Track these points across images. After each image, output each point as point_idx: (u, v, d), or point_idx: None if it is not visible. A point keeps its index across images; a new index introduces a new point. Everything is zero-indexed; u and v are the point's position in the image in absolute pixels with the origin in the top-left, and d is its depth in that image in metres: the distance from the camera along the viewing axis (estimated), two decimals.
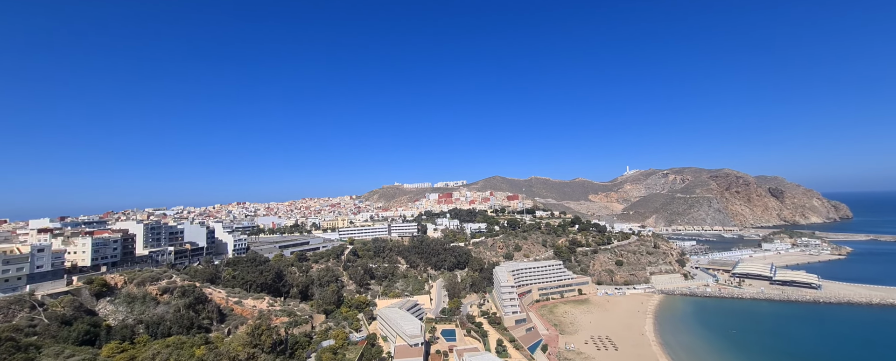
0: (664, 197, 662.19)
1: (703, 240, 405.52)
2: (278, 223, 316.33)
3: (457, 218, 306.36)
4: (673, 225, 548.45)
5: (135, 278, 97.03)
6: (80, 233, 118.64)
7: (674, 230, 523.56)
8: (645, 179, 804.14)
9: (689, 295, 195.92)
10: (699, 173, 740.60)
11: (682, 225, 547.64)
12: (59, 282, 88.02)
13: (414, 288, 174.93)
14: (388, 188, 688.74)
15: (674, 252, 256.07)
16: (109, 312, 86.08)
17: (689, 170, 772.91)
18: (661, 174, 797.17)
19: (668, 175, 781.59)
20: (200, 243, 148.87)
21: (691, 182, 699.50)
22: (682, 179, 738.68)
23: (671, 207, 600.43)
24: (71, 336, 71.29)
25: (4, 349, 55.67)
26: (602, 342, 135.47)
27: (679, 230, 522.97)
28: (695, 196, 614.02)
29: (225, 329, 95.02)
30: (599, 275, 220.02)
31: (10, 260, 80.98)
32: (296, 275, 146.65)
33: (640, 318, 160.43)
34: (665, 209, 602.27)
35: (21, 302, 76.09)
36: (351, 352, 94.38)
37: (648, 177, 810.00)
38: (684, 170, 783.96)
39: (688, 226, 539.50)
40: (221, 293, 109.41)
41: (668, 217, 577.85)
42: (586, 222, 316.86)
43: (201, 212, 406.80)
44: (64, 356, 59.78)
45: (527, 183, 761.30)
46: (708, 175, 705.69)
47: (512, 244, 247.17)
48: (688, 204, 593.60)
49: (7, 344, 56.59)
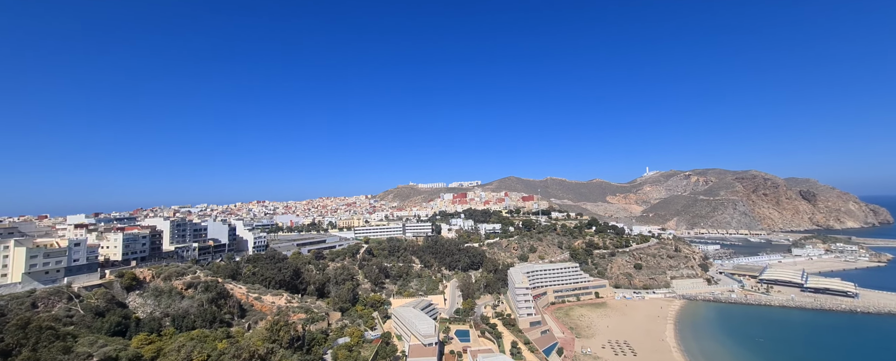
0: (686, 199, 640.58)
1: (728, 245, 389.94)
2: (296, 221, 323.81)
3: (471, 219, 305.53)
4: (695, 229, 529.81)
5: (162, 273, 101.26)
6: (112, 229, 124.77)
7: (696, 233, 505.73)
8: (665, 181, 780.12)
9: (712, 300, 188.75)
10: (724, 175, 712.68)
11: (705, 228, 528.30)
12: (94, 275, 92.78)
13: (428, 287, 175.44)
14: (402, 188, 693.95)
15: (696, 256, 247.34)
16: (138, 305, 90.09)
17: (712, 172, 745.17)
18: (682, 175, 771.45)
19: (690, 176, 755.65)
20: (223, 240, 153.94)
21: (715, 184, 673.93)
22: (706, 181, 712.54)
23: (693, 210, 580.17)
24: (104, 326, 75.01)
25: (45, 337, 59.07)
26: (620, 346, 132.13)
27: (702, 233, 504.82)
28: (719, 198, 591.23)
29: (245, 324, 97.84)
30: (617, 279, 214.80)
31: (50, 254, 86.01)
32: (313, 273, 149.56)
33: (661, 323, 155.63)
34: (687, 211, 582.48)
35: (60, 294, 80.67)
36: (366, 350, 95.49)
37: (669, 178, 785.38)
38: (708, 171, 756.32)
39: (711, 230, 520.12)
40: (242, 289, 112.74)
41: (690, 220, 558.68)
42: (604, 224, 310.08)
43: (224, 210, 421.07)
44: (98, 345, 62.91)
45: (542, 183, 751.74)
46: (733, 176, 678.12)
47: (527, 245, 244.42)
48: (711, 206, 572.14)
49: (47, 333, 60.03)
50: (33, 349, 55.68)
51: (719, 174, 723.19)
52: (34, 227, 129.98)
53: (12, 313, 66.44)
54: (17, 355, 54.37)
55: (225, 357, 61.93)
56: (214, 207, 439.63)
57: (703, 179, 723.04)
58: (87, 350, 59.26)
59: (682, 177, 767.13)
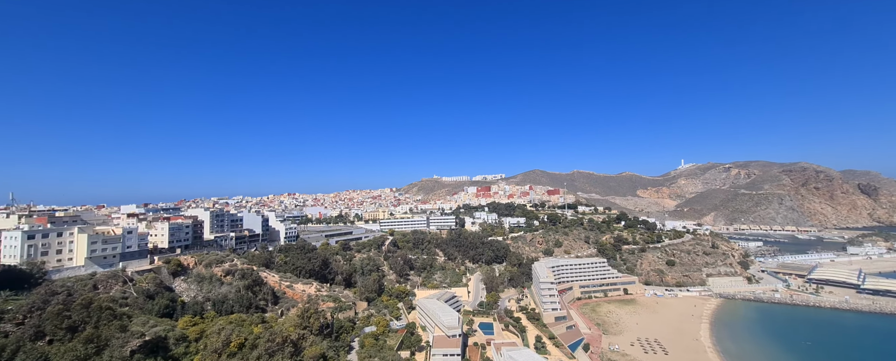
0: (725, 193, 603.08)
1: (772, 242, 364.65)
2: (324, 213, 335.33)
3: (495, 212, 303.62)
4: (735, 224, 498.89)
5: (203, 260, 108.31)
6: (159, 219, 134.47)
7: (736, 229, 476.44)
8: (702, 174, 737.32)
9: (753, 300, 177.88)
10: (768, 167, 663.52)
11: (747, 224, 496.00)
12: (144, 261, 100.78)
13: (452, 280, 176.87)
14: (427, 181, 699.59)
15: (735, 253, 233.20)
16: (183, 289, 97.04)
17: (755, 164, 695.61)
18: (721, 168, 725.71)
19: (730, 169, 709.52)
20: (257, 230, 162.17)
21: (758, 176, 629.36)
22: (748, 174, 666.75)
23: (733, 204, 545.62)
24: (154, 308, 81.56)
25: (105, 316, 65.10)
26: (650, 345, 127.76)
27: (742, 229, 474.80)
28: (763, 192, 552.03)
29: (278, 311, 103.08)
30: (648, 275, 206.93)
31: (107, 240, 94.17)
32: (340, 263, 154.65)
33: (695, 322, 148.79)
34: (726, 206, 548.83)
35: (116, 277, 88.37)
36: (392, 339, 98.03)
37: (706, 171, 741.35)
38: (750, 163, 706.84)
39: (753, 226, 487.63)
40: (275, 277, 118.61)
41: (729, 215, 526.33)
42: (634, 219, 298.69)
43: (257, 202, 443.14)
44: (149, 325, 68.58)
45: (569, 177, 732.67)
46: (780, 169, 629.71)
47: (552, 239, 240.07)
48: (754, 201, 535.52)
49: (107, 312, 66.09)
50: (95, 326, 61.47)
51: (764, 166, 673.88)
52: (93, 216, 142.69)
53: (78, 293, 73.52)
54: (82, 331, 60.29)
55: (260, 341, 65.59)
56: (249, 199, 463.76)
57: (745, 172, 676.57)
58: (141, 329, 64.72)
59: (722, 169, 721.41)
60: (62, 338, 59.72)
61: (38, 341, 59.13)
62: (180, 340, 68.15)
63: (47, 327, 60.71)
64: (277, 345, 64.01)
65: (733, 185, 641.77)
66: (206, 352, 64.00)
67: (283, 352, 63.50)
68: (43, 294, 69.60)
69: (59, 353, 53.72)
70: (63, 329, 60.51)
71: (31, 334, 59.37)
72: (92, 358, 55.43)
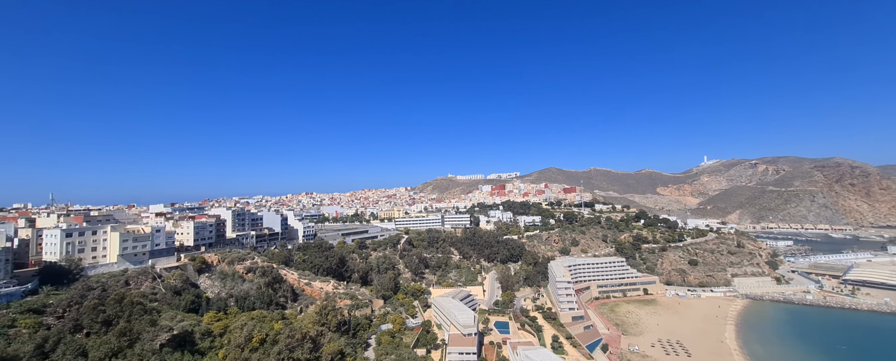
0: (751, 190, 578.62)
1: (803, 241, 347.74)
2: (341, 212, 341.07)
3: (510, 211, 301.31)
4: (762, 223, 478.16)
5: (226, 258, 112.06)
6: (185, 218, 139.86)
7: (763, 228, 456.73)
8: (726, 170, 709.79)
9: (782, 301, 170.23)
10: (799, 163, 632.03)
11: (775, 222, 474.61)
12: (172, 258, 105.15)
13: (467, 278, 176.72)
14: (441, 180, 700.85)
15: (763, 252, 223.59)
16: (207, 286, 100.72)
17: (784, 160, 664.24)
18: (747, 164, 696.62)
19: (756, 165, 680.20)
20: (276, 229, 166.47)
21: (788, 173, 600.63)
22: (776, 170, 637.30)
23: (760, 202, 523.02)
24: (181, 304, 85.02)
25: (136, 310, 68.30)
26: (672, 346, 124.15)
27: (770, 228, 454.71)
28: (793, 189, 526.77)
29: (298, 308, 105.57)
30: (669, 275, 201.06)
31: (138, 239, 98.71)
32: (357, 261, 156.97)
33: (719, 324, 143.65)
34: (752, 204, 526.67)
35: (146, 273, 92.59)
36: (408, 337, 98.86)
37: (731, 167, 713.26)
38: (778, 159, 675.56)
39: (782, 224, 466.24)
40: (294, 274, 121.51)
41: (755, 213, 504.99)
42: (653, 217, 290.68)
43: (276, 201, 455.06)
44: (177, 320, 71.53)
45: (585, 174, 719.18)
46: (811, 165, 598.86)
47: (568, 238, 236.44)
48: (783, 198, 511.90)
49: (138, 307, 69.33)
50: (128, 320, 64.53)
51: (794, 162, 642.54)
52: (125, 215, 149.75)
53: (111, 289, 77.41)
54: (115, 325, 63.43)
55: (281, 336, 67.31)
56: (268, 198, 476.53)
57: (773, 168, 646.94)
58: (169, 323, 67.56)
59: (748, 165, 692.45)
60: (98, 331, 63.01)
61: (77, 333, 62.58)
62: (206, 335, 70.75)
63: (85, 320, 64.18)
64: (297, 341, 65.54)
65: (760, 182, 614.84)
66: (230, 347, 66.17)
67: (303, 348, 64.96)
68: (80, 289, 73.63)
69: (95, 346, 56.68)
70: (99, 323, 63.82)
71: (70, 327, 62.93)
72: (125, 351, 58.25)
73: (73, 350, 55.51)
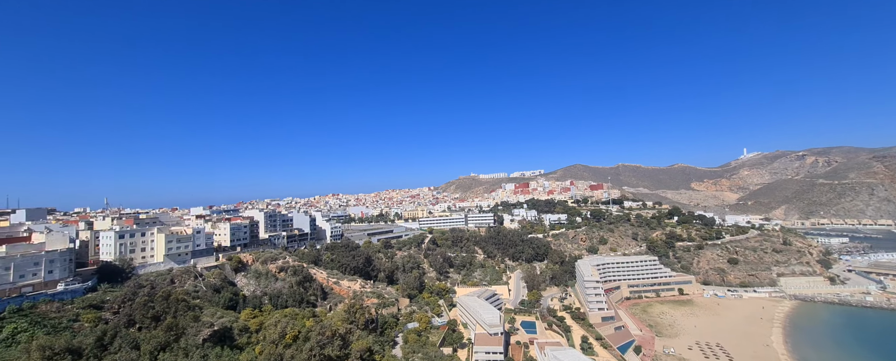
0: (799, 183, 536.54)
1: (861, 237, 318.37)
2: (366, 212, 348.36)
3: (534, 209, 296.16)
4: (812, 218, 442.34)
5: (260, 257, 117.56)
6: (222, 219, 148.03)
7: (813, 224, 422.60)
8: (769, 163, 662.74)
9: (837, 303, 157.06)
10: (855, 153, 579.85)
11: (828, 217, 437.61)
12: (211, 258, 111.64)
13: (491, 277, 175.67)
14: (464, 179, 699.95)
15: (813, 250, 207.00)
16: (243, 284, 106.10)
17: (837, 150, 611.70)
18: (794, 156, 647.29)
19: (804, 156, 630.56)
20: (305, 229, 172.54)
21: (841, 164, 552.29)
22: (828, 161, 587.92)
23: (809, 196, 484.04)
24: (220, 301, 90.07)
25: (181, 307, 73.21)
26: (711, 349, 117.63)
27: (822, 224, 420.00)
28: (848, 182, 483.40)
29: (327, 306, 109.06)
30: (706, 274, 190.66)
31: (181, 239, 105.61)
32: (382, 261, 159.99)
33: (764, 327, 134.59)
34: (800, 198, 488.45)
35: (188, 272, 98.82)
36: (434, 335, 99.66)
37: (774, 160, 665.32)
38: (830, 150, 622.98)
39: (835, 220, 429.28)
40: (323, 273, 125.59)
41: (804, 208, 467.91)
42: (688, 214, 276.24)
43: (305, 203, 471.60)
44: (217, 316, 75.91)
45: (613, 170, 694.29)
46: (869, 155, 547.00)
47: (596, 236, 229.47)
48: (836, 191, 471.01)
49: (182, 304, 74.29)
50: (174, 315, 69.20)
51: (848, 153, 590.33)
52: (169, 217, 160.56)
53: (159, 287, 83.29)
54: (163, 320, 68.19)
55: (312, 333, 69.80)
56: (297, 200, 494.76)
57: (824, 159, 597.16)
58: (210, 319, 71.74)
59: (794, 157, 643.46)
60: (148, 326, 68.03)
61: (130, 328, 67.86)
62: (243, 331, 74.62)
63: (137, 316, 69.48)
64: (328, 338, 67.73)
65: (809, 174, 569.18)
66: (266, 343, 69.42)
67: (333, 345, 67.04)
68: (132, 286, 79.74)
69: (146, 339, 61.26)
70: (149, 318, 68.88)
71: (124, 321, 68.32)
72: (172, 345, 62.53)
73: (127, 344, 60.25)
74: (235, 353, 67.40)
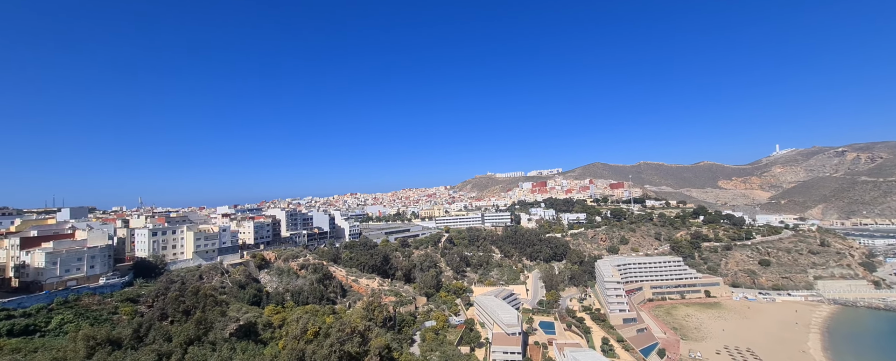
0: (837, 181, 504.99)
1: None
2: (383, 211, 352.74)
3: (552, 208, 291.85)
4: (853, 218, 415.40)
5: (282, 255, 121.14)
6: (246, 218, 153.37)
7: (855, 224, 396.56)
8: (805, 160, 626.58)
9: (882, 308, 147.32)
10: None
11: (871, 217, 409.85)
12: (236, 255, 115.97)
13: (509, 277, 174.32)
14: (480, 178, 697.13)
15: (855, 252, 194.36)
16: (267, 281, 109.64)
17: (882, 146, 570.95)
18: (832, 152, 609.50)
19: (844, 153, 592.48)
20: (325, 228, 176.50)
21: (887, 160, 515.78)
22: (870, 157, 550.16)
23: (850, 194, 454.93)
24: (245, 297, 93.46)
25: (209, 302, 76.45)
26: (741, 354, 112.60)
27: (865, 224, 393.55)
28: (894, 179, 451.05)
29: (346, 303, 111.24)
30: (735, 276, 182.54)
31: (208, 237, 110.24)
32: (400, 259, 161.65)
33: (800, 332, 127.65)
34: (839, 197, 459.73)
35: (216, 269, 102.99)
36: (451, 334, 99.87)
37: (810, 156, 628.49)
38: (874, 145, 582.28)
39: (880, 220, 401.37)
40: (342, 271, 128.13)
41: (844, 207, 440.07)
42: (715, 213, 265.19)
43: (324, 202, 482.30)
44: (242, 312, 78.78)
45: (634, 169, 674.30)
46: None
47: (616, 236, 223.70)
48: (881, 190, 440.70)
49: (210, 299, 77.56)
50: (203, 310, 72.29)
51: (894, 148, 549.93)
52: (197, 216, 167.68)
53: (189, 282, 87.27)
54: (193, 314, 71.37)
55: (333, 330, 71.34)
56: (317, 199, 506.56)
57: (867, 155, 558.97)
58: (236, 314, 74.55)
59: (832, 153, 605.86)
60: (180, 319, 71.39)
61: (164, 321, 71.43)
62: (267, 326, 77.14)
63: (169, 309, 73.06)
64: (347, 335, 69.03)
65: (850, 172, 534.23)
66: (288, 338, 71.48)
67: (352, 342, 68.29)
68: (164, 282, 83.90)
69: (177, 333, 64.30)
70: (180, 312, 72.28)
71: (158, 315, 71.99)
72: (201, 338, 65.37)
73: (161, 336, 63.47)
74: (260, 347, 69.74)
